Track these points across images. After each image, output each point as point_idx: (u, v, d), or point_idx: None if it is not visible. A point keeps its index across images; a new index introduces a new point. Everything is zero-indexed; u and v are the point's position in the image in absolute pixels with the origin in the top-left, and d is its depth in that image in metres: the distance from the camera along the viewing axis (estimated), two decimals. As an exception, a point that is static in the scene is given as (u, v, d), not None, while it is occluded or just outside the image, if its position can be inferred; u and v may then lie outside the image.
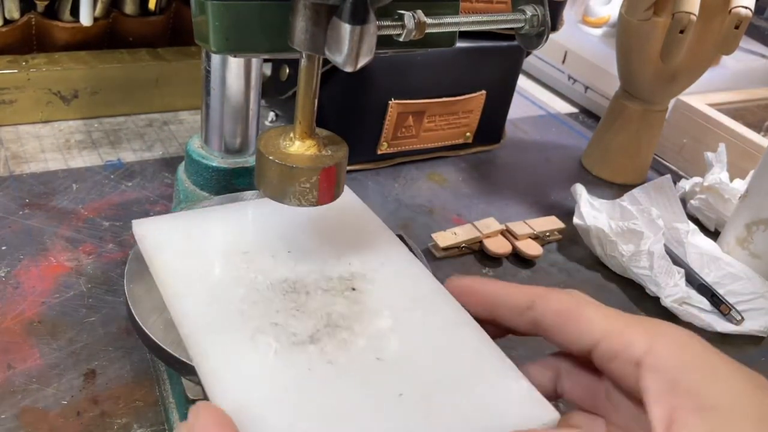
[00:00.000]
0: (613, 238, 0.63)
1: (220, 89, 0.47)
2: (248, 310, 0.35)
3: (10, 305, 0.50)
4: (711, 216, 0.74)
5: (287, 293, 0.36)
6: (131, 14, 0.75)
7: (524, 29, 0.38)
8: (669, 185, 0.66)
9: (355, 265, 0.39)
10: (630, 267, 0.62)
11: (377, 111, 0.70)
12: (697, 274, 0.62)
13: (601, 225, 0.64)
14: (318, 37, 0.33)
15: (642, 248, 0.61)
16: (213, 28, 0.34)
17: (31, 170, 0.65)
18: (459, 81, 0.74)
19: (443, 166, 0.79)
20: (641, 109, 0.78)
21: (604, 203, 0.67)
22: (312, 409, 0.30)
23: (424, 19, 0.34)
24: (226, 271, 0.37)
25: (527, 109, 0.94)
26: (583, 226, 0.65)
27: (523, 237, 0.65)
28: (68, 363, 0.46)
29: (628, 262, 0.62)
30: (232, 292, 0.36)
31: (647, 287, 0.62)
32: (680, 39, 0.69)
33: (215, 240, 0.40)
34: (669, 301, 0.59)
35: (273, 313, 0.35)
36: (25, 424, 0.42)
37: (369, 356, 0.33)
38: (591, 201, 0.67)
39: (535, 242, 0.65)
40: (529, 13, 0.38)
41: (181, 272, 0.37)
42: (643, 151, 0.81)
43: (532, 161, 0.84)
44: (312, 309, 0.35)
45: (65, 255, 0.55)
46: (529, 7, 0.38)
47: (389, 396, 0.31)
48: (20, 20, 0.70)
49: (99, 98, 0.74)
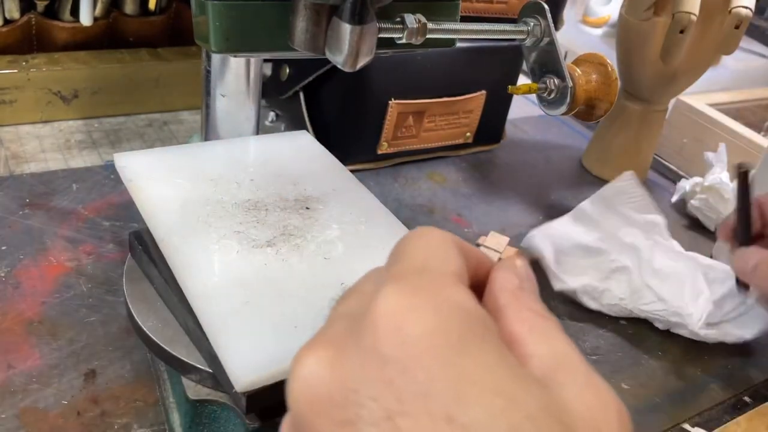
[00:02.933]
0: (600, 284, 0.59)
1: (220, 89, 0.47)
2: (215, 222, 0.40)
3: (10, 305, 0.50)
4: (711, 216, 0.74)
5: (249, 210, 0.42)
6: (131, 14, 0.75)
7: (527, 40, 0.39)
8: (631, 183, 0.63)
9: (310, 190, 0.45)
10: (636, 308, 0.58)
11: (377, 111, 0.70)
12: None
13: (583, 280, 0.59)
14: (318, 37, 0.33)
15: (635, 282, 0.57)
16: (213, 28, 0.34)
17: (31, 170, 0.65)
18: (459, 81, 0.74)
19: (443, 166, 0.79)
20: (641, 109, 0.78)
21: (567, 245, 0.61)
22: (265, 291, 0.36)
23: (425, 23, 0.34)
24: (196, 194, 0.42)
25: (527, 109, 0.94)
26: (569, 290, 0.60)
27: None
28: (68, 363, 0.46)
29: (631, 304, 0.58)
30: (201, 209, 0.41)
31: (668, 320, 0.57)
32: (680, 39, 0.69)
33: (187, 171, 0.44)
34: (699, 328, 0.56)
35: (236, 224, 0.40)
36: (25, 424, 0.42)
37: (318, 257, 0.39)
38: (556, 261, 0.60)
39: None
40: (531, 24, 0.38)
41: (157, 195, 0.41)
42: (643, 151, 0.81)
43: (532, 161, 0.84)
44: (270, 222, 0.41)
45: (65, 255, 0.55)
46: (531, 19, 0.38)
47: (332, 284, 0.37)
48: (20, 20, 0.70)
49: (99, 98, 0.74)
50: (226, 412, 0.38)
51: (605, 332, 0.58)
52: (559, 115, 0.44)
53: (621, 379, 0.54)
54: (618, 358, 0.56)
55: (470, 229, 0.68)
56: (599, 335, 0.58)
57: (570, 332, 0.58)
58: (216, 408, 0.39)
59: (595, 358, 0.56)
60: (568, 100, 0.43)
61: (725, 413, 0.53)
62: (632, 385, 0.54)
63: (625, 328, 0.59)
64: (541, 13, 0.41)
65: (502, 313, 0.25)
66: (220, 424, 0.39)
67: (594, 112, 0.46)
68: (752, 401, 0.55)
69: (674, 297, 0.56)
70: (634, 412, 0.51)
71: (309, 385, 0.21)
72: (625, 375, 0.55)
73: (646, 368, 0.56)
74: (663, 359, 0.57)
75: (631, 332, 0.59)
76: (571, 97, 0.43)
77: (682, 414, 0.52)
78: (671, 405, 0.53)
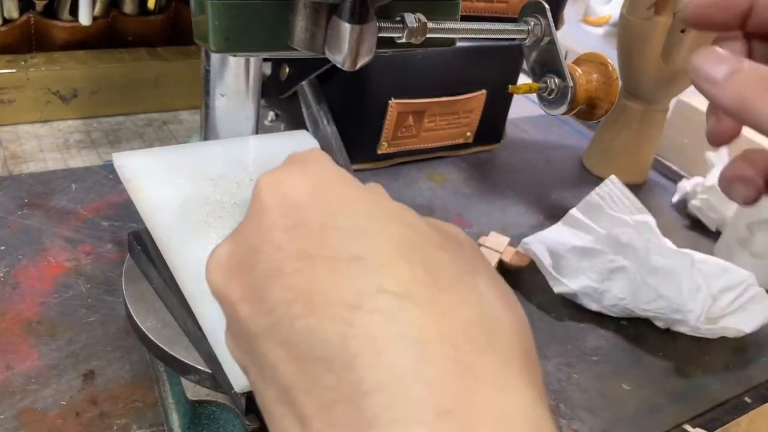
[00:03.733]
0: (600, 285, 0.59)
1: (219, 89, 0.47)
2: (214, 222, 0.40)
3: (9, 305, 0.49)
4: (712, 216, 0.74)
5: None
6: (130, 13, 0.74)
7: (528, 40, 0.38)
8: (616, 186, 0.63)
9: None
10: (637, 307, 0.58)
11: (377, 111, 0.70)
12: None
13: (582, 282, 0.59)
14: (318, 37, 0.33)
15: (634, 281, 0.57)
16: (213, 28, 0.34)
17: (30, 170, 0.65)
18: (459, 81, 0.74)
19: (443, 166, 0.79)
20: (642, 109, 0.78)
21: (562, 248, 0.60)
22: None
23: (425, 22, 0.34)
24: (195, 194, 0.42)
25: (527, 109, 0.94)
26: (569, 292, 0.60)
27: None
28: (67, 363, 0.46)
29: (632, 304, 0.58)
30: (201, 209, 0.40)
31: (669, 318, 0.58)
32: (681, 39, 0.69)
33: (186, 170, 0.44)
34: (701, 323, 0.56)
35: (236, 224, 0.41)
36: (23, 424, 0.42)
37: None
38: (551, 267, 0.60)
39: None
40: (531, 23, 0.38)
41: (156, 195, 0.41)
42: (644, 151, 0.80)
43: (533, 161, 0.84)
44: None
45: (64, 255, 0.55)
46: (531, 18, 0.38)
47: None
48: (19, 19, 0.69)
49: (98, 98, 0.74)
50: (225, 412, 0.38)
51: (606, 333, 0.58)
52: (560, 114, 0.44)
53: (622, 380, 0.54)
54: (619, 358, 0.56)
55: (470, 229, 0.68)
56: (600, 336, 0.58)
57: (571, 333, 0.57)
58: (215, 408, 0.39)
59: (596, 358, 0.55)
60: (569, 99, 0.42)
61: (726, 414, 0.53)
62: (633, 386, 0.53)
63: (626, 328, 0.59)
64: (541, 12, 0.41)
65: None
66: (219, 424, 0.39)
67: (595, 111, 0.45)
68: (753, 401, 0.54)
69: (674, 294, 0.56)
70: (635, 413, 0.51)
71: (218, 262, 0.24)
72: (625, 375, 0.54)
73: (647, 368, 0.56)
74: (664, 359, 0.57)
75: (632, 332, 0.59)
76: (571, 97, 0.42)
77: (683, 414, 0.52)
78: (672, 405, 0.52)
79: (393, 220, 0.22)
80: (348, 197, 0.23)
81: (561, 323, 0.58)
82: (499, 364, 0.20)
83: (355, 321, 0.20)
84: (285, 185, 0.24)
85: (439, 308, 0.20)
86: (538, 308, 0.59)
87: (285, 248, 0.22)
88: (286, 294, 0.22)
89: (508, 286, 0.25)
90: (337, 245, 0.22)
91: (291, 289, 0.21)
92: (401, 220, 0.23)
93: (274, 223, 0.23)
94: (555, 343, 0.56)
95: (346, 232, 0.22)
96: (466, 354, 0.19)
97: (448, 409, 0.18)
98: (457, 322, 0.20)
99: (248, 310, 0.23)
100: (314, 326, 0.21)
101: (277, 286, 0.22)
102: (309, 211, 0.22)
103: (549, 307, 0.60)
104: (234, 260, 0.24)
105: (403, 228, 0.22)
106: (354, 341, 0.20)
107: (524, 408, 0.19)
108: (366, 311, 0.20)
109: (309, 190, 0.23)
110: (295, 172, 0.24)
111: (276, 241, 0.22)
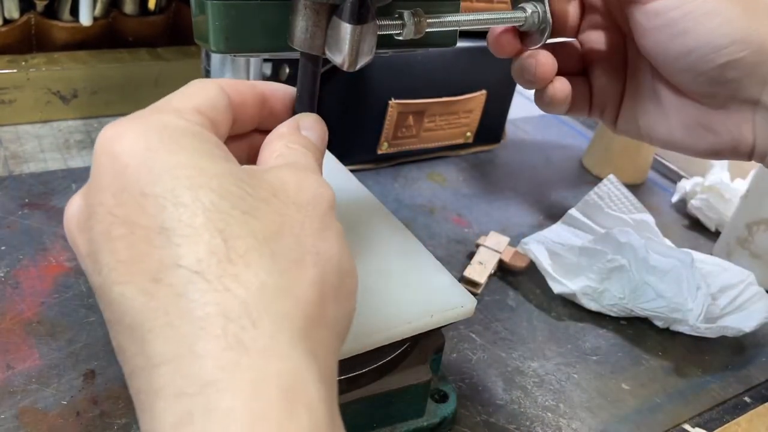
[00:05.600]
0: (599, 285, 0.58)
1: (219, 89, 0.47)
2: None
3: (9, 305, 0.50)
4: (712, 216, 0.74)
5: None
6: (131, 14, 0.75)
7: (525, 26, 0.38)
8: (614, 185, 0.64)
9: None
10: (637, 307, 0.58)
11: (377, 111, 0.70)
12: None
13: (582, 281, 0.59)
14: (318, 37, 0.33)
15: (634, 281, 0.57)
16: (213, 28, 0.34)
17: (30, 170, 0.65)
18: (459, 81, 0.74)
19: (443, 166, 0.79)
20: (641, 109, 0.78)
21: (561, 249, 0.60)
22: None
23: (423, 17, 0.34)
24: None
25: (527, 109, 0.94)
26: (569, 293, 0.59)
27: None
28: (67, 363, 0.46)
29: (631, 303, 0.58)
30: None
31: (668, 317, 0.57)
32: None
33: None
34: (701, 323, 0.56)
35: None
36: (24, 424, 0.42)
37: None
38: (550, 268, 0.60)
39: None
40: (529, 11, 0.38)
41: None
42: (643, 151, 0.80)
43: (533, 161, 0.84)
44: None
45: (64, 255, 0.55)
46: (529, 5, 0.38)
47: None
48: (20, 20, 0.69)
49: (98, 98, 0.74)
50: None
51: (605, 332, 0.58)
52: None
53: (621, 380, 0.54)
54: (618, 358, 0.56)
55: (470, 229, 0.68)
56: (599, 335, 0.58)
57: (570, 333, 0.58)
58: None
59: (595, 358, 0.56)
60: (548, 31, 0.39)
61: (725, 413, 0.53)
62: (632, 386, 0.54)
63: (625, 328, 0.59)
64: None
65: (262, 148, 0.30)
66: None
67: None
68: (752, 401, 0.55)
69: (673, 293, 0.56)
70: (635, 413, 0.51)
71: (72, 213, 0.26)
72: (625, 375, 0.54)
73: (647, 368, 0.56)
74: (663, 359, 0.57)
75: (632, 332, 0.59)
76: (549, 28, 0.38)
77: (683, 414, 0.52)
78: (671, 405, 0.53)
79: (205, 188, 0.23)
80: (172, 162, 0.24)
81: (560, 323, 0.58)
82: (268, 334, 0.21)
83: (155, 294, 0.22)
84: (118, 145, 0.24)
85: (224, 282, 0.22)
86: (537, 308, 0.59)
87: (113, 213, 0.23)
88: (110, 258, 0.23)
89: (325, 231, 0.26)
90: (152, 214, 0.23)
91: (114, 254, 0.23)
92: (219, 186, 0.24)
93: (105, 185, 0.24)
94: (554, 343, 0.56)
95: (162, 201, 0.23)
96: (239, 328, 0.21)
97: (212, 380, 0.20)
98: (238, 295, 0.22)
99: (89, 267, 0.25)
100: (125, 294, 0.22)
101: (106, 249, 0.23)
102: (134, 175, 0.23)
103: (548, 307, 0.60)
104: (82, 216, 0.25)
105: (213, 195, 0.23)
106: (151, 314, 0.22)
107: (284, 372, 0.21)
108: (164, 284, 0.22)
109: (139, 151, 0.24)
110: (133, 129, 0.25)
111: (106, 204, 0.24)
